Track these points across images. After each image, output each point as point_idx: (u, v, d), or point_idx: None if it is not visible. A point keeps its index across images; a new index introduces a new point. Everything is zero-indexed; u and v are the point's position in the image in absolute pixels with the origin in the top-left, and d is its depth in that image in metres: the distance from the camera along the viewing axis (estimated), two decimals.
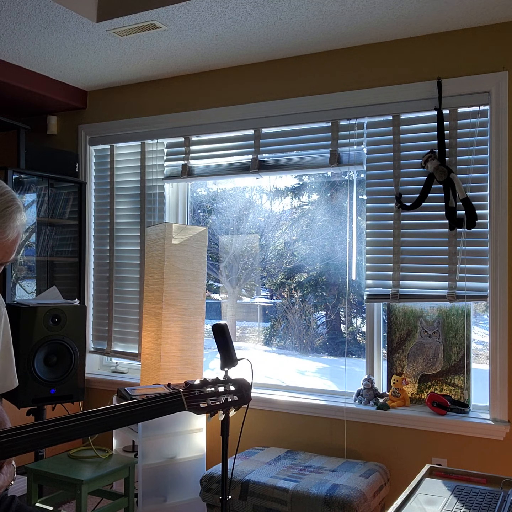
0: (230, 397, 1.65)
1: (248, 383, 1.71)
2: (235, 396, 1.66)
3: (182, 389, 1.57)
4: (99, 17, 2.95)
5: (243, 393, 1.68)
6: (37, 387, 2.85)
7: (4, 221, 1.30)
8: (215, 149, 3.69)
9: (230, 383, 1.68)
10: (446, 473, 1.77)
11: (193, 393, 1.58)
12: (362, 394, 3.20)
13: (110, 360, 4.18)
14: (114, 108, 4.01)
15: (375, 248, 3.18)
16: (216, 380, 1.66)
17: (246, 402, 1.69)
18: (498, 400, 2.88)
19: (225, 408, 1.64)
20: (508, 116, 2.87)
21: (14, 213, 1.33)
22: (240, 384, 1.69)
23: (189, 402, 1.56)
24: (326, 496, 2.52)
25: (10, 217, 1.31)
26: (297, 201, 4.62)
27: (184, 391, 1.57)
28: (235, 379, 1.70)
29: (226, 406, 1.64)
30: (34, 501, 2.76)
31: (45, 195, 3.87)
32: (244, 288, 4.80)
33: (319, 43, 3.20)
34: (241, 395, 1.67)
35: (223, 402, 1.63)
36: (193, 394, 1.58)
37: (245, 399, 1.69)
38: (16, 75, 3.63)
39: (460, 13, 2.81)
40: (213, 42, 3.21)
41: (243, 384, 1.69)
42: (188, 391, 1.58)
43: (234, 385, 1.68)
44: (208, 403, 1.60)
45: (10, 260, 1.38)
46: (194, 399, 1.57)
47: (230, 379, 1.69)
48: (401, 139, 3.13)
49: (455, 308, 3.04)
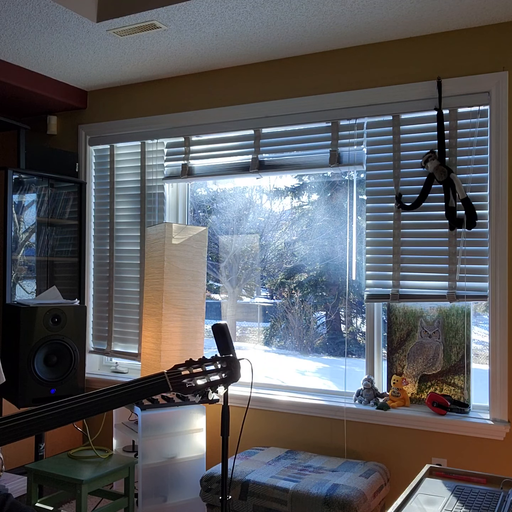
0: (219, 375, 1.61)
1: (237, 360, 1.65)
2: (223, 374, 1.62)
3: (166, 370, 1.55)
4: (99, 17, 2.95)
5: (231, 370, 1.64)
6: (37, 387, 2.85)
7: None
8: (215, 149, 3.69)
9: (218, 361, 1.63)
10: (446, 473, 1.77)
11: (178, 373, 1.54)
12: (362, 394, 3.20)
13: (110, 360, 4.18)
14: (114, 108, 4.01)
15: (375, 248, 3.18)
16: (203, 359, 1.62)
17: (235, 380, 1.64)
18: (498, 400, 2.88)
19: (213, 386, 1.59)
20: (508, 116, 2.87)
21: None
22: (229, 362, 1.64)
23: (173, 382, 1.52)
24: (326, 496, 2.52)
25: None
26: (297, 201, 4.61)
27: (168, 371, 1.53)
28: (224, 356, 1.65)
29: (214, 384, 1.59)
30: (34, 501, 2.76)
31: (45, 195, 3.87)
32: (244, 288, 4.79)
33: (319, 43, 3.20)
34: (229, 372, 1.63)
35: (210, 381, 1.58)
36: (178, 374, 1.54)
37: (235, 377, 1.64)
38: (16, 75, 3.63)
39: (460, 13, 2.81)
40: (213, 42, 3.21)
41: (232, 362, 1.65)
42: (172, 372, 1.54)
43: (222, 362, 1.63)
44: (195, 382, 1.55)
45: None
46: (179, 379, 1.54)
47: (218, 357, 1.64)
48: (401, 139, 3.13)
49: (455, 308, 3.04)
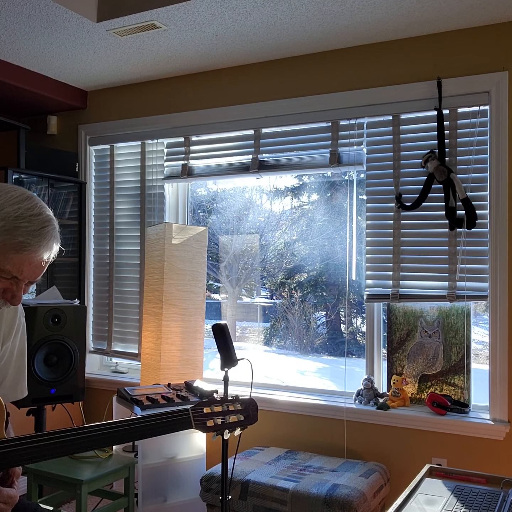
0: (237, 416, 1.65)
1: (255, 403, 1.71)
2: (241, 415, 1.66)
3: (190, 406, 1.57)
4: (99, 17, 2.95)
5: (249, 413, 1.68)
6: (37, 387, 2.85)
7: (38, 240, 1.32)
8: (215, 149, 3.69)
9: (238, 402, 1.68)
10: (446, 473, 1.77)
11: (201, 411, 1.58)
12: (362, 394, 3.20)
13: (110, 360, 4.18)
14: (114, 108, 4.01)
15: (375, 248, 3.18)
16: (224, 398, 1.66)
17: (252, 422, 1.69)
18: (498, 400, 2.88)
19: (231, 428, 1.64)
20: (508, 116, 2.87)
21: (49, 233, 1.35)
22: (247, 404, 1.69)
23: (196, 420, 1.56)
24: (326, 496, 2.52)
25: (45, 237, 1.34)
26: (297, 201, 4.61)
27: (192, 408, 1.56)
28: (243, 398, 1.70)
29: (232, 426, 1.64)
30: (34, 501, 2.76)
31: (45, 195, 3.87)
32: (244, 288, 4.79)
33: (319, 43, 3.20)
34: (247, 415, 1.68)
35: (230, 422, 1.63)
36: (201, 412, 1.57)
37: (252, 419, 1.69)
38: (16, 75, 3.63)
39: (460, 13, 2.81)
40: (213, 42, 3.21)
41: (250, 404, 1.70)
42: (196, 409, 1.57)
43: (241, 404, 1.68)
44: (215, 422, 1.59)
45: (36, 280, 1.40)
46: (202, 417, 1.57)
47: (238, 399, 1.69)
48: (401, 139, 3.13)
49: (455, 308, 3.04)
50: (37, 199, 1.37)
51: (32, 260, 1.33)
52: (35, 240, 1.32)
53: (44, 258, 1.36)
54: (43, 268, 1.38)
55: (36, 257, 1.33)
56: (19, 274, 1.34)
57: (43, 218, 1.35)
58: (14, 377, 1.65)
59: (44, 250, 1.34)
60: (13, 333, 1.62)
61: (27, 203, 1.34)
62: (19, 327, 1.64)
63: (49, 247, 1.36)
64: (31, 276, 1.36)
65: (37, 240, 1.32)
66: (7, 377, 1.63)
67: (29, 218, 1.32)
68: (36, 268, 1.35)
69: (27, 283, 1.40)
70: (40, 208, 1.35)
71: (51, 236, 1.36)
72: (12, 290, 1.36)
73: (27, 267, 1.33)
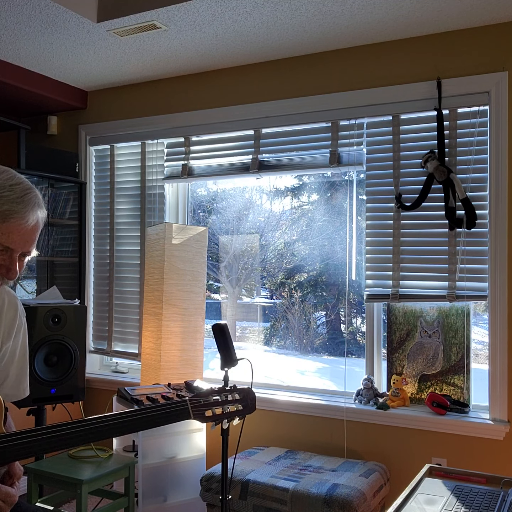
0: (235, 406, 1.66)
1: (253, 393, 1.72)
2: (240, 405, 1.67)
3: (189, 397, 1.58)
4: (99, 17, 2.96)
5: (248, 402, 1.69)
6: (37, 387, 2.85)
7: (23, 206, 1.37)
8: (215, 149, 3.69)
9: (236, 392, 1.69)
10: (446, 473, 1.77)
11: (199, 401, 1.58)
12: (362, 394, 3.20)
13: (110, 360, 4.18)
14: (114, 108, 4.01)
15: (375, 248, 3.18)
16: (222, 389, 1.67)
17: (250, 412, 1.70)
18: (498, 400, 2.88)
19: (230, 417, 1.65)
20: (508, 116, 2.87)
21: (32, 199, 1.39)
22: (245, 394, 1.70)
23: (194, 410, 1.57)
24: (326, 495, 2.53)
25: (28, 203, 1.38)
26: (297, 201, 4.62)
27: (190, 399, 1.57)
28: (241, 388, 1.71)
29: (231, 416, 1.65)
30: (34, 501, 2.76)
31: (45, 195, 3.87)
32: (244, 288, 4.80)
33: (319, 43, 3.20)
34: (245, 405, 1.69)
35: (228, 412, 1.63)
36: (199, 402, 1.58)
37: (250, 409, 1.70)
38: (16, 75, 3.63)
39: (460, 13, 2.81)
40: (213, 42, 3.21)
41: (248, 394, 1.71)
42: (194, 400, 1.58)
43: (239, 394, 1.69)
44: (213, 411, 1.60)
45: (30, 251, 1.43)
46: (200, 407, 1.58)
47: (236, 388, 1.69)
48: (401, 139, 3.13)
49: (455, 308, 3.05)
50: (13, 171, 1.42)
51: (20, 227, 1.37)
52: (19, 206, 1.36)
53: (32, 224, 1.39)
54: (33, 237, 1.41)
55: (23, 224, 1.37)
56: (10, 244, 1.37)
57: (24, 186, 1.39)
58: (16, 377, 1.66)
59: (30, 216, 1.38)
60: (14, 333, 1.63)
61: (5, 175, 1.39)
62: (20, 327, 1.65)
63: (34, 212, 1.39)
64: (23, 245, 1.39)
65: (21, 207, 1.36)
66: (9, 377, 1.64)
67: (10, 187, 1.36)
68: (25, 236, 1.38)
69: (21, 258, 1.42)
70: (18, 178, 1.40)
71: (34, 202, 1.40)
72: (7, 264, 1.39)
73: (16, 235, 1.37)
